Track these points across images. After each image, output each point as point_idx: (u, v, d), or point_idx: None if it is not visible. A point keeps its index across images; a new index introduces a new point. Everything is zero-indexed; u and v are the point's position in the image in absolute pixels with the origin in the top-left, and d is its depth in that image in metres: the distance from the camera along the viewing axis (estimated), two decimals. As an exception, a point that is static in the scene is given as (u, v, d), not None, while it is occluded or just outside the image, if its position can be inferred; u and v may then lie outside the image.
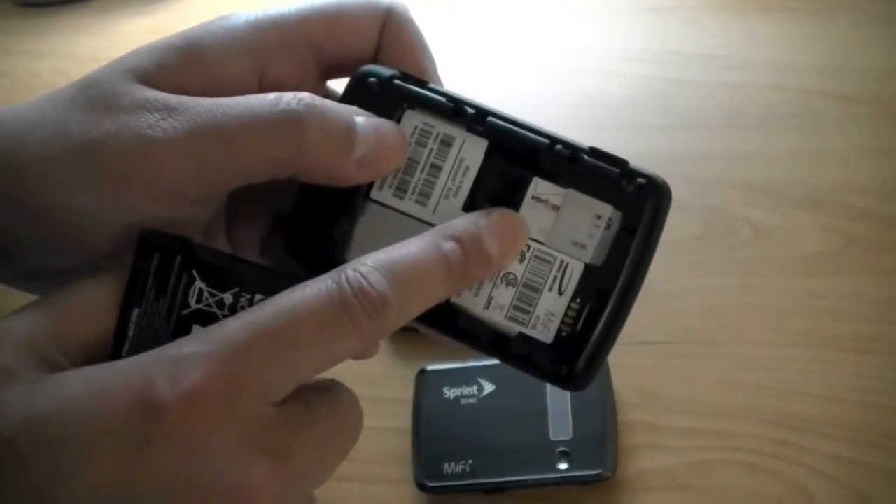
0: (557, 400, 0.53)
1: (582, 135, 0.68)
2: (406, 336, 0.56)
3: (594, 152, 0.34)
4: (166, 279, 0.32)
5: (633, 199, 0.33)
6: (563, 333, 0.34)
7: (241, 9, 0.84)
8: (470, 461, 0.51)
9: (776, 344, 0.57)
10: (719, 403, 0.55)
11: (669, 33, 0.74)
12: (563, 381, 0.34)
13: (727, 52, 0.72)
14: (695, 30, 0.74)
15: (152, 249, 0.32)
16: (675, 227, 0.63)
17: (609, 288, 0.33)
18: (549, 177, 0.34)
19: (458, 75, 0.75)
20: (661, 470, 0.53)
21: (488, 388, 0.54)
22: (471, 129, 0.34)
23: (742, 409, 0.54)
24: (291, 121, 0.32)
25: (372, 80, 0.35)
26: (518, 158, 0.34)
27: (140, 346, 0.31)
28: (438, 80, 0.37)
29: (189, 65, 0.34)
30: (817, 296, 0.58)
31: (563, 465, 0.51)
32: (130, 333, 0.32)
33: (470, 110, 0.34)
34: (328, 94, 0.38)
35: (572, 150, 0.34)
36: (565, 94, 0.71)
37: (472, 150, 0.34)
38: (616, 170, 0.33)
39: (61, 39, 0.81)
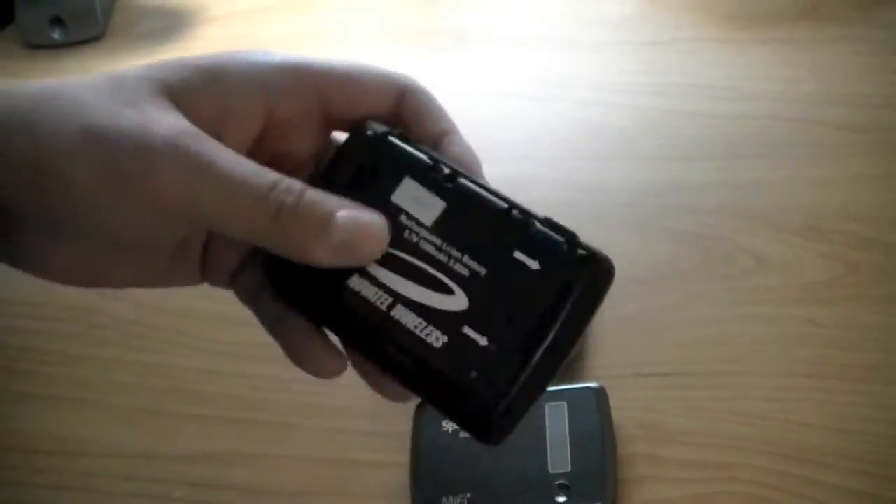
0: (556, 432, 0.52)
1: (580, 166, 0.70)
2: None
3: (546, 222, 0.35)
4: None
5: (572, 269, 0.34)
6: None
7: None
8: (468, 495, 0.51)
9: (779, 374, 0.56)
10: (722, 435, 0.54)
11: (668, 65, 0.74)
12: (478, 424, 0.34)
13: (727, 83, 0.73)
14: (694, 61, 0.74)
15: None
16: (675, 258, 0.63)
17: (535, 345, 0.34)
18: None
19: (460, 106, 0.75)
20: (663, 503, 0.52)
21: (487, 421, 0.53)
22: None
23: (745, 440, 0.54)
24: (275, 204, 0.33)
25: (369, 132, 0.38)
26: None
27: None
28: (459, 136, 0.39)
29: (208, 88, 0.36)
30: (820, 325, 0.58)
31: (561, 499, 0.50)
32: None
33: (446, 170, 0.36)
34: (332, 144, 0.40)
35: (526, 216, 0.35)
36: (564, 126, 0.71)
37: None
38: (562, 239, 0.34)
39: (67, 80, 0.81)
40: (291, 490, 0.55)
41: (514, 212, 0.35)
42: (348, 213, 0.34)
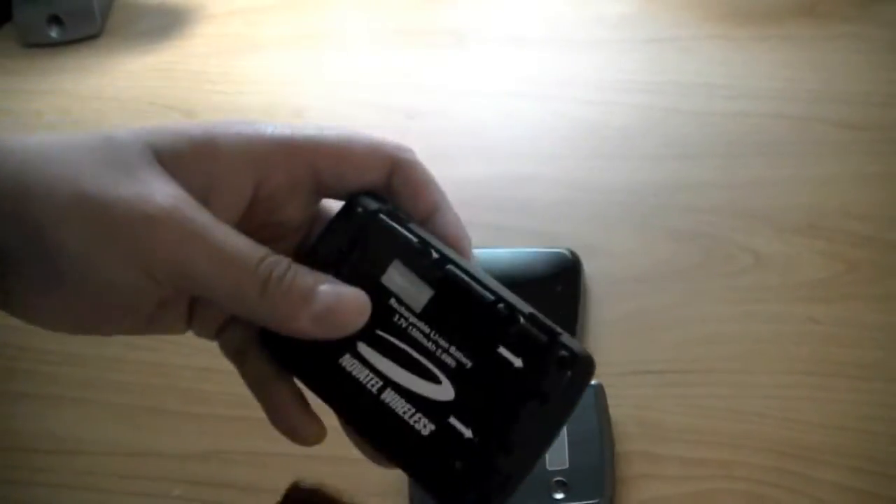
0: (554, 430, 0.52)
1: (579, 164, 0.70)
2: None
3: (531, 318, 0.35)
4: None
5: (553, 370, 0.35)
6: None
7: (240, 50, 0.85)
8: (467, 492, 0.51)
9: (777, 371, 0.56)
10: (720, 432, 0.54)
11: (669, 63, 0.74)
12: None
13: (727, 81, 0.73)
14: (694, 59, 0.75)
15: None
16: (674, 256, 0.63)
17: (516, 440, 0.35)
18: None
19: (460, 105, 0.76)
20: (661, 500, 0.52)
21: (485, 418, 0.53)
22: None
23: (743, 437, 0.54)
24: (263, 276, 0.34)
25: (360, 209, 0.38)
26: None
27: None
28: (450, 211, 0.39)
29: (198, 160, 0.36)
30: (819, 322, 0.58)
31: (559, 496, 0.50)
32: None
33: (434, 255, 0.37)
34: (322, 211, 0.40)
35: (511, 310, 0.36)
36: (563, 125, 0.71)
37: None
38: (545, 338, 0.35)
39: (65, 78, 0.82)
40: (291, 488, 0.55)
41: (500, 305, 0.36)
42: (330, 286, 0.35)
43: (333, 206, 0.39)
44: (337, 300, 0.35)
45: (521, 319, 0.35)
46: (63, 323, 0.37)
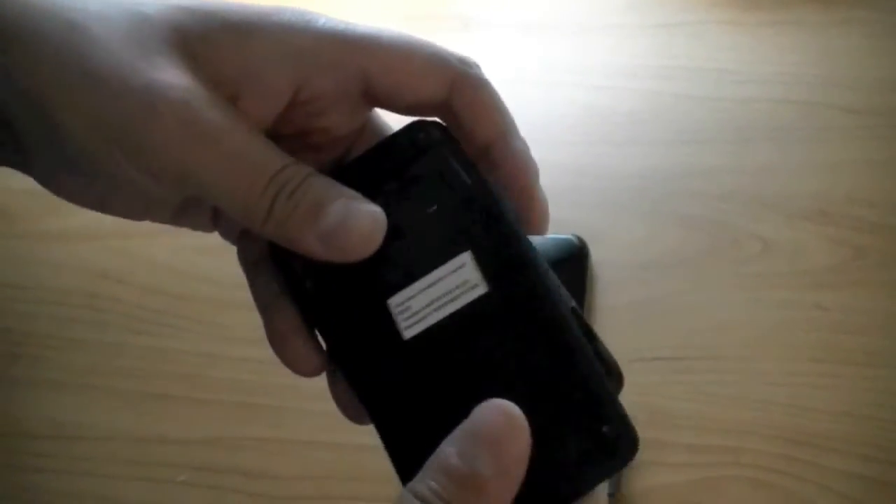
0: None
1: (588, 151, 0.69)
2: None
3: (572, 312, 0.33)
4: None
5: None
6: None
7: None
8: (472, 479, 0.51)
9: (785, 358, 0.56)
10: (727, 419, 0.54)
11: (677, 48, 0.74)
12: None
13: (736, 67, 0.72)
14: (703, 44, 0.74)
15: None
16: (682, 243, 0.63)
17: None
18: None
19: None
20: (668, 487, 0.52)
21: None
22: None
23: (750, 424, 0.54)
24: (275, 188, 0.31)
25: (421, 135, 0.34)
26: None
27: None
28: (515, 142, 0.35)
29: (232, 48, 0.32)
30: (826, 309, 0.58)
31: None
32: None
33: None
34: (372, 122, 0.37)
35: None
36: (571, 111, 0.71)
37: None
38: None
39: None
40: (295, 474, 0.55)
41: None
42: (345, 202, 0.31)
43: (386, 118, 0.36)
44: (346, 219, 0.31)
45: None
46: (81, 198, 0.34)
